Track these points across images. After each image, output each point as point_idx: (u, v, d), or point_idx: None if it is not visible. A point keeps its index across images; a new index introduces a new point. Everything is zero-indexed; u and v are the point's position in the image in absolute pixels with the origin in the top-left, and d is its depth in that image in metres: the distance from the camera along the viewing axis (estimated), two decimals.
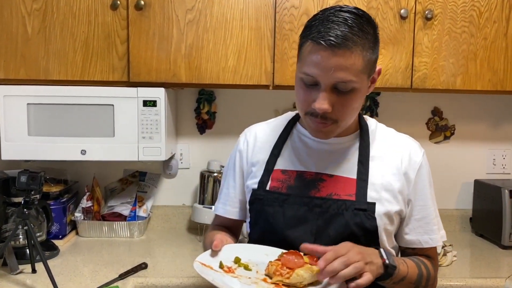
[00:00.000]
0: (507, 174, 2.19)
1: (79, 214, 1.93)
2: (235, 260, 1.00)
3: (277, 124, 1.20)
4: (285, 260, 0.93)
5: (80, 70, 1.71)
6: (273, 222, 1.06)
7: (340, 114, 0.99)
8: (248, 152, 1.17)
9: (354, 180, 1.05)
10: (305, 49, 0.98)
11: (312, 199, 1.04)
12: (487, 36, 1.76)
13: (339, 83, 0.96)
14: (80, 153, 1.72)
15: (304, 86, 1.00)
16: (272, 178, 1.10)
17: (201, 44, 1.70)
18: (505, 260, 1.77)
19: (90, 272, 1.56)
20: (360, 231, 1.02)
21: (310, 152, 1.11)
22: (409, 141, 1.15)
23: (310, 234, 1.03)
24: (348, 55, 0.93)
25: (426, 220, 1.11)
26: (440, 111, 2.15)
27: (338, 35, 0.92)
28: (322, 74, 0.95)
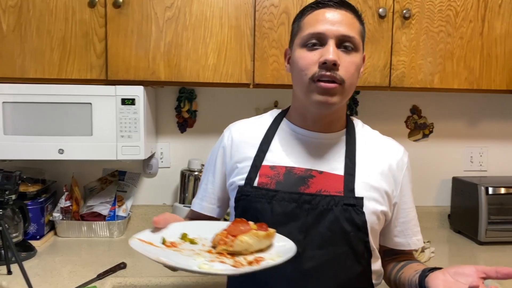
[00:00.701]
0: (484, 172, 2.23)
1: (57, 214, 1.90)
2: (182, 236, 0.93)
3: (263, 120, 1.19)
4: (230, 229, 0.89)
5: (57, 68, 1.68)
6: (261, 219, 1.01)
7: (346, 73, 1.00)
8: (233, 148, 1.15)
9: (341, 177, 1.05)
10: (305, 16, 1.05)
11: (301, 195, 1.02)
12: (463, 35, 1.79)
13: (344, 37, 1.01)
14: (58, 152, 1.69)
15: (308, 50, 1.02)
16: (260, 174, 1.07)
17: (181, 42, 1.69)
18: (481, 256, 1.80)
19: (68, 272, 1.54)
20: (350, 226, 1.01)
21: (299, 147, 1.10)
22: (395, 144, 1.17)
23: (300, 231, 1.01)
24: (349, 13, 1.04)
25: (412, 222, 1.14)
26: (419, 110, 2.18)
27: (338, 1, 1.03)
28: (329, 27, 1.00)
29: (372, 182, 1.06)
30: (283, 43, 1.72)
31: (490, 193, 1.91)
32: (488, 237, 1.90)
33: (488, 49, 1.80)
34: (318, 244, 1.00)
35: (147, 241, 0.90)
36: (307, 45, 1.02)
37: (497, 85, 1.82)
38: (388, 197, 1.07)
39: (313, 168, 1.06)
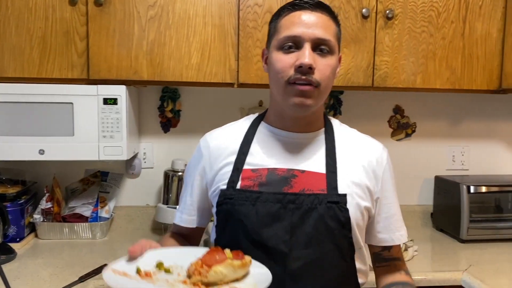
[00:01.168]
0: (465, 170, 2.26)
1: (38, 216, 1.87)
2: (158, 265, 0.91)
3: (239, 126, 1.18)
4: (205, 258, 0.87)
5: (37, 67, 1.65)
6: (246, 221, 1.02)
7: (321, 76, 1.01)
8: (211, 158, 1.13)
9: (323, 175, 1.06)
10: (282, 18, 1.06)
11: (286, 195, 1.02)
12: (445, 36, 1.81)
13: (320, 40, 1.01)
14: (38, 153, 1.66)
15: (284, 53, 1.03)
16: (243, 178, 1.06)
17: (163, 41, 1.67)
18: (463, 254, 1.83)
19: (49, 275, 1.51)
20: (334, 224, 1.02)
21: (280, 148, 1.10)
22: (374, 141, 1.18)
23: (285, 231, 1.01)
24: (325, 15, 1.04)
25: (395, 217, 1.15)
26: (402, 109, 2.20)
27: (314, 2, 1.04)
28: (304, 30, 1.01)
29: (353, 178, 1.07)
30: None
31: (471, 192, 1.93)
32: (469, 235, 1.93)
33: (469, 50, 1.83)
34: (304, 243, 1.01)
35: (122, 271, 0.88)
36: (283, 48, 1.03)
37: (478, 85, 1.85)
38: (370, 192, 1.09)
39: (295, 168, 1.07)
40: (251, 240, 1.02)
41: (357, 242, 1.07)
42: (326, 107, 2.12)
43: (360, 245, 1.09)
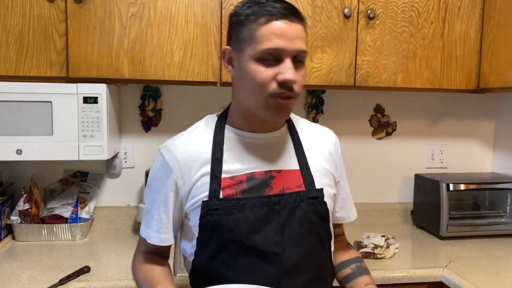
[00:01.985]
0: (444, 169, 2.30)
1: (15, 218, 1.82)
2: None
3: (203, 132, 1.12)
4: None
5: (14, 65, 1.61)
6: (236, 229, 1.01)
7: (299, 86, 1.01)
8: (182, 171, 1.06)
9: (298, 171, 1.09)
10: (260, 26, 0.98)
11: (270, 197, 1.04)
12: (425, 36, 1.83)
13: (299, 53, 1.00)
14: (16, 153, 1.62)
15: (263, 65, 0.98)
16: (223, 188, 1.04)
17: (145, 38, 1.65)
18: (443, 250, 1.86)
19: (27, 278, 1.47)
20: (317, 218, 1.07)
21: (251, 151, 1.09)
22: (325, 128, 1.24)
23: (276, 233, 1.03)
24: (301, 27, 1.01)
25: (348, 196, 1.25)
26: (382, 108, 2.22)
27: (287, 7, 0.98)
28: (287, 44, 0.97)
29: (322, 169, 1.13)
30: None
31: (451, 189, 1.97)
32: (449, 232, 1.96)
33: (449, 50, 1.86)
34: (292, 241, 1.04)
35: None
36: (263, 60, 0.98)
37: (457, 85, 1.88)
38: (334, 179, 1.17)
39: (271, 169, 1.08)
40: (243, 247, 1.02)
41: (332, 229, 1.16)
42: (308, 106, 2.13)
43: (331, 233, 1.16)
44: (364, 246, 1.74)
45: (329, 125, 2.14)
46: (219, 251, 1.04)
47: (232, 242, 1.02)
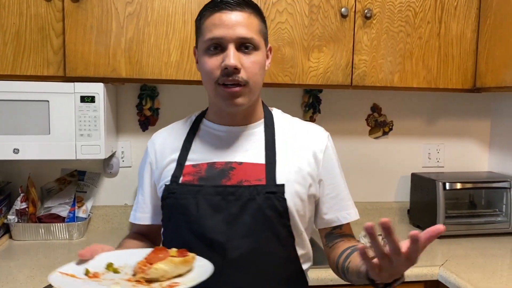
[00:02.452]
0: (441, 168, 2.31)
1: (12, 217, 1.82)
2: (107, 266, 0.94)
3: (182, 124, 1.22)
4: (149, 257, 0.93)
5: (11, 64, 1.61)
6: (188, 214, 1.06)
7: (249, 74, 1.04)
8: (157, 157, 1.18)
9: (263, 165, 1.09)
10: (204, 20, 1.06)
11: (225, 187, 1.06)
12: (422, 36, 1.84)
13: (243, 39, 1.03)
14: (13, 152, 1.62)
15: (209, 55, 1.04)
16: (184, 174, 1.10)
17: (142, 38, 1.65)
18: (439, 249, 1.87)
19: (25, 277, 1.48)
20: (273, 213, 1.05)
21: (219, 143, 1.13)
22: (314, 126, 1.22)
23: (225, 222, 1.04)
24: (245, 13, 1.04)
25: (340, 196, 1.17)
26: (379, 108, 2.23)
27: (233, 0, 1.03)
28: (226, 32, 1.01)
29: (293, 166, 1.10)
30: None
31: (447, 188, 1.98)
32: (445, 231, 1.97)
33: (445, 49, 1.87)
34: (242, 233, 1.04)
35: (70, 273, 0.90)
36: (208, 50, 1.05)
37: (453, 84, 1.89)
38: (312, 177, 1.12)
39: (233, 160, 1.10)
40: (193, 231, 1.06)
41: (297, 229, 1.10)
42: (305, 106, 2.14)
43: (301, 231, 1.12)
44: None
45: (326, 124, 2.15)
46: (175, 233, 1.10)
47: (184, 226, 1.07)
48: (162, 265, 0.90)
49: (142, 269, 0.89)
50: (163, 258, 0.91)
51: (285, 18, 1.72)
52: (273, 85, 1.76)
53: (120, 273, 0.93)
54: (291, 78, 1.75)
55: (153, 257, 0.92)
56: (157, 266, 0.89)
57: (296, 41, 1.74)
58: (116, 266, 0.94)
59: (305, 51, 1.75)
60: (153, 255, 0.93)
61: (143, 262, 0.91)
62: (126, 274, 0.93)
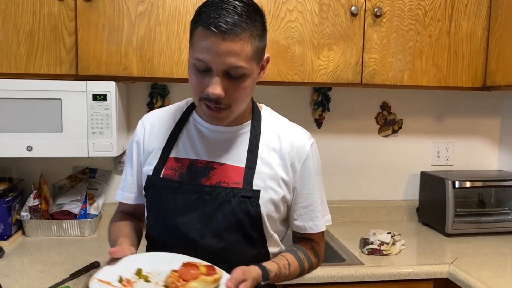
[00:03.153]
0: (450, 166, 2.31)
1: (25, 213, 1.84)
2: (137, 272, 0.98)
3: (175, 110, 1.21)
4: (182, 272, 0.96)
5: (24, 63, 1.63)
6: (164, 208, 1.09)
7: (233, 99, 1.02)
8: (145, 140, 1.18)
9: (242, 169, 1.10)
10: (196, 35, 0.99)
11: (203, 187, 1.08)
12: (432, 34, 1.84)
13: (231, 69, 0.98)
14: (26, 150, 1.64)
15: (197, 72, 1.01)
16: (166, 166, 1.12)
17: (153, 37, 1.67)
18: (448, 247, 1.87)
19: (38, 273, 1.50)
20: (245, 217, 1.07)
21: (203, 140, 1.14)
22: (299, 132, 1.19)
23: (198, 221, 1.07)
24: (237, 41, 0.96)
25: (311, 207, 1.17)
26: (389, 106, 2.23)
27: (228, 22, 0.95)
28: (214, 60, 0.97)
29: (270, 172, 1.11)
30: None
31: (456, 187, 1.98)
32: (454, 229, 1.97)
33: (455, 48, 1.86)
34: (214, 233, 1.07)
35: (106, 281, 0.93)
36: (196, 68, 1.01)
37: (463, 83, 1.89)
38: (286, 183, 1.12)
39: (215, 160, 1.11)
40: (168, 226, 1.09)
41: (268, 232, 1.12)
42: (314, 104, 2.14)
43: (271, 234, 1.13)
44: (370, 242, 1.75)
45: (335, 122, 2.17)
46: (155, 223, 1.14)
47: (161, 219, 1.11)
48: (195, 284, 0.94)
49: (176, 285, 0.93)
50: (195, 275, 0.95)
51: (295, 17, 1.73)
52: (283, 83, 1.77)
53: (151, 282, 0.97)
54: (300, 76, 1.76)
55: (185, 273, 0.96)
56: (191, 285, 0.93)
57: (306, 40, 1.75)
58: (145, 273, 0.98)
59: (315, 49, 1.75)
60: (185, 270, 0.97)
61: (175, 277, 0.95)
62: (157, 284, 0.96)
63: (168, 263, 1.00)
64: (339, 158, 2.21)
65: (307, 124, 2.17)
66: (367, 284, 1.61)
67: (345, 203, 2.21)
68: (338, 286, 1.59)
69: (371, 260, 1.68)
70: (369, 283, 1.61)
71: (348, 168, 2.22)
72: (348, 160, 2.22)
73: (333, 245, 1.87)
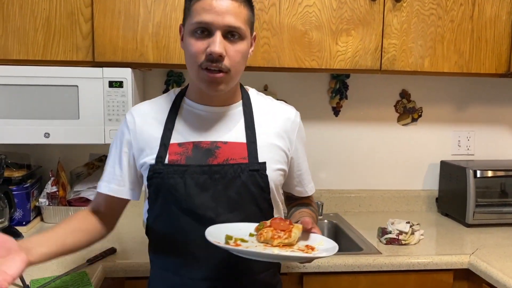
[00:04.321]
0: (471, 155, 2.26)
1: (43, 200, 1.86)
2: (227, 238, 1.02)
3: (163, 101, 1.22)
4: (275, 225, 1.03)
5: (41, 49, 1.63)
6: (176, 193, 1.11)
7: (232, 62, 1.07)
8: (137, 132, 1.18)
9: (244, 144, 1.15)
10: (194, 2, 1.06)
11: (211, 166, 1.11)
12: (454, 19, 1.79)
13: (230, 28, 1.05)
14: (44, 136, 1.65)
15: (195, 38, 1.06)
16: (170, 152, 1.14)
17: (169, 23, 1.65)
18: (468, 238, 1.83)
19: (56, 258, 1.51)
20: (256, 189, 1.13)
21: (202, 122, 1.17)
22: (287, 106, 1.27)
23: (212, 199, 1.11)
24: (235, 3, 1.05)
25: (305, 173, 1.29)
26: (408, 94, 2.18)
27: None
28: (215, 18, 1.03)
29: (271, 145, 1.17)
30: (274, 25, 1.69)
31: (478, 176, 1.93)
32: (475, 220, 1.93)
33: (478, 33, 1.81)
34: (229, 208, 1.12)
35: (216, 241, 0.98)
36: (195, 33, 1.06)
37: (486, 69, 1.83)
38: (285, 154, 1.20)
39: (218, 139, 1.15)
40: (182, 209, 1.12)
41: (275, 201, 1.19)
42: (332, 92, 2.11)
43: (278, 203, 1.21)
44: (388, 232, 1.73)
45: (353, 110, 2.14)
46: (163, 210, 1.14)
47: (173, 203, 1.12)
48: (296, 231, 1.03)
49: (278, 235, 1.01)
50: (286, 226, 1.03)
51: (313, 1, 1.70)
52: (300, 70, 1.75)
53: (248, 241, 1.02)
54: (318, 62, 1.73)
55: (278, 225, 1.03)
56: (295, 231, 1.02)
57: (324, 25, 1.71)
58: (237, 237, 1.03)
59: (333, 35, 1.72)
60: (275, 224, 1.04)
61: (271, 229, 1.02)
62: (253, 242, 1.03)
63: (239, 230, 1.05)
64: (357, 147, 2.18)
65: (324, 112, 2.14)
66: (384, 274, 1.59)
67: (362, 192, 2.18)
68: (356, 275, 1.57)
69: (389, 250, 1.66)
70: (387, 272, 1.59)
71: (366, 157, 2.19)
72: (366, 149, 2.18)
73: (350, 234, 1.85)
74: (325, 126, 2.15)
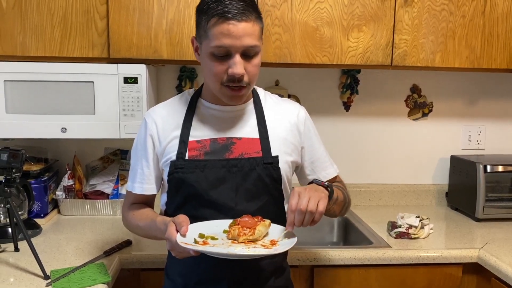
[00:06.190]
0: (481, 150, 2.26)
1: (60, 193, 1.91)
2: (200, 236, 1.11)
3: (178, 102, 1.31)
4: (242, 223, 1.12)
5: (58, 46, 1.67)
6: (197, 186, 1.20)
7: (251, 77, 1.16)
8: (159, 133, 1.26)
9: (258, 140, 1.25)
10: (211, 26, 1.12)
11: (228, 161, 1.21)
12: (465, 14, 1.79)
13: (248, 48, 1.12)
14: (61, 131, 1.69)
15: (216, 59, 1.14)
16: (189, 149, 1.23)
17: (183, 19, 1.68)
18: (478, 232, 1.84)
19: (73, 249, 1.56)
20: (270, 181, 1.23)
21: (217, 121, 1.26)
22: (292, 102, 1.37)
23: (231, 190, 1.21)
24: (249, 22, 1.12)
25: (319, 161, 1.35)
26: (419, 89, 2.19)
27: (237, 7, 1.10)
28: (234, 42, 1.10)
29: (281, 139, 1.27)
30: (285, 21, 1.71)
31: (488, 171, 1.94)
32: (485, 214, 1.94)
33: (490, 28, 1.81)
34: (247, 198, 1.22)
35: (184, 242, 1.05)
36: (215, 56, 1.13)
37: (497, 64, 1.84)
38: (295, 146, 1.30)
39: (233, 136, 1.25)
40: (203, 200, 1.21)
41: (286, 191, 1.29)
42: (343, 87, 2.12)
43: (288, 193, 1.30)
44: (398, 226, 1.75)
45: (364, 105, 2.15)
46: (184, 203, 1.23)
47: (193, 196, 1.21)
48: (261, 227, 1.12)
49: (244, 233, 1.10)
50: (253, 223, 1.11)
51: None
52: (311, 65, 1.77)
53: (218, 239, 1.12)
54: (329, 58, 1.75)
55: (245, 223, 1.11)
56: (259, 228, 1.11)
57: (335, 21, 1.73)
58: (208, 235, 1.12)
59: (344, 30, 1.74)
60: (243, 221, 1.12)
61: (238, 227, 1.10)
62: (223, 239, 1.12)
63: (215, 227, 1.15)
64: (368, 142, 2.19)
65: (335, 106, 2.16)
66: (394, 267, 1.61)
67: (373, 186, 2.20)
68: (366, 268, 1.60)
69: (398, 243, 1.68)
70: (397, 265, 1.61)
71: (376, 152, 2.21)
72: (376, 143, 2.20)
73: (360, 228, 1.87)
74: (336, 121, 2.16)
